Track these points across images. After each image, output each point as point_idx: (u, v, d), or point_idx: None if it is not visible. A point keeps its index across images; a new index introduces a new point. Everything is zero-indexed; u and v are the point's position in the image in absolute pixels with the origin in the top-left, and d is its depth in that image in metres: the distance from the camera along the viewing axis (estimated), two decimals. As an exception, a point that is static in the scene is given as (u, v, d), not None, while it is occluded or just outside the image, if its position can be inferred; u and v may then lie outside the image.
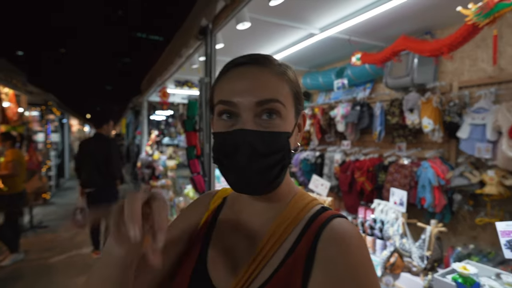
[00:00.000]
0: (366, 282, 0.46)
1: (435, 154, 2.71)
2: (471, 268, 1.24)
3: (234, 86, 0.52)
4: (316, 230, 0.51)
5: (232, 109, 0.51)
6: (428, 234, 1.76)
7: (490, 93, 2.35)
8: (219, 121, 0.53)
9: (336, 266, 0.47)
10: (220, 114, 0.53)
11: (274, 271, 0.50)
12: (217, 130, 0.53)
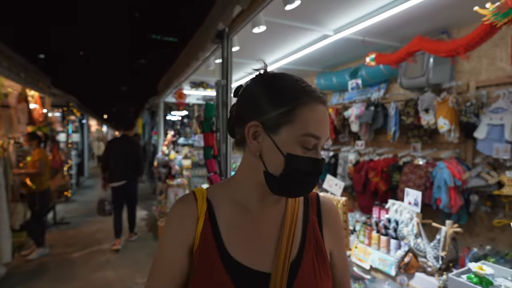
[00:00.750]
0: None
1: (451, 154, 2.68)
2: (487, 269, 1.25)
3: (322, 125, 0.63)
4: (316, 203, 0.75)
5: (315, 142, 0.62)
6: (443, 235, 1.77)
7: (509, 92, 2.32)
8: (299, 147, 0.62)
9: (334, 226, 0.74)
10: (304, 143, 0.62)
11: (303, 235, 0.69)
12: (296, 153, 0.61)
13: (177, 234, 0.66)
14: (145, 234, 4.96)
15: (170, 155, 5.45)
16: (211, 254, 0.63)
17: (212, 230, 0.65)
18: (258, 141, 0.63)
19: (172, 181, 5.01)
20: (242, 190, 0.69)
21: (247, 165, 0.68)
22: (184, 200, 0.69)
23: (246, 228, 0.66)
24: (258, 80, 0.67)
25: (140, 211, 6.37)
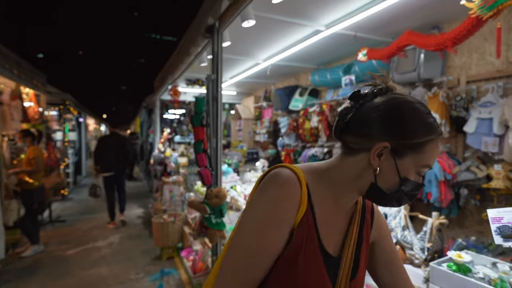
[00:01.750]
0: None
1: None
2: (465, 256, 1.26)
3: (436, 158, 0.71)
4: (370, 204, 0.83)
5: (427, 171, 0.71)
6: (429, 226, 1.78)
7: (498, 86, 2.33)
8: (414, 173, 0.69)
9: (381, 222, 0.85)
10: (420, 172, 0.69)
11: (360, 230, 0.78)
12: (410, 177, 0.68)
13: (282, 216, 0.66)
14: (140, 231, 4.96)
15: (165, 152, 5.45)
16: (313, 244, 0.67)
17: (313, 220, 0.68)
18: (380, 159, 0.67)
19: (167, 178, 5.02)
20: (338, 188, 0.72)
21: (352, 171, 0.71)
22: (291, 178, 0.68)
23: (330, 219, 0.72)
24: (398, 101, 0.69)
25: (137, 209, 6.37)
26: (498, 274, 1.19)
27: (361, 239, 0.77)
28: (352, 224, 0.76)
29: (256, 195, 0.69)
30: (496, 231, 1.04)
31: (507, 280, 1.13)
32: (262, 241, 0.65)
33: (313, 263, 0.66)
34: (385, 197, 0.69)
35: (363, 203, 0.81)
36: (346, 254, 0.72)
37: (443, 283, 1.26)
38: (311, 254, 0.66)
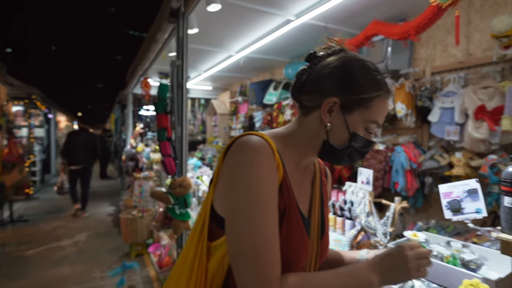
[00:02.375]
0: None
1: (408, 139, 2.74)
2: (420, 235, 1.25)
3: (384, 116, 0.74)
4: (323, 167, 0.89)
5: (375, 128, 0.73)
6: (392, 211, 1.79)
7: (460, 77, 2.39)
8: (363, 129, 0.71)
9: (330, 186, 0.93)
10: (368, 128, 0.71)
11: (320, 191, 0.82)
12: (359, 132, 0.70)
13: (273, 180, 0.64)
14: (109, 229, 4.76)
15: (137, 147, 5.26)
16: (293, 208, 0.68)
17: (289, 182, 0.69)
18: (331, 114, 0.69)
19: (139, 174, 4.84)
20: (299, 151, 0.74)
21: (309, 132, 0.73)
22: (265, 145, 0.65)
23: (298, 183, 0.74)
24: (347, 59, 0.71)
25: (108, 207, 6.13)
26: (451, 251, 1.19)
27: (323, 200, 0.81)
28: (315, 185, 0.80)
29: (232, 167, 0.64)
30: (446, 205, 1.03)
31: (458, 257, 1.13)
32: (269, 213, 0.62)
33: (295, 227, 0.67)
34: (337, 154, 0.72)
35: (319, 165, 0.85)
36: (314, 215, 0.75)
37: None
38: (293, 218, 0.67)
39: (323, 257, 0.78)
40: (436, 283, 1.12)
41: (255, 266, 0.58)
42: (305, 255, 0.70)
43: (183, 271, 0.70)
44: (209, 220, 0.69)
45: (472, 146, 2.19)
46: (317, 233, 0.75)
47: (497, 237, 0.91)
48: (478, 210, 0.95)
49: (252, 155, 0.62)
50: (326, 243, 0.79)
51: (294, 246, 0.66)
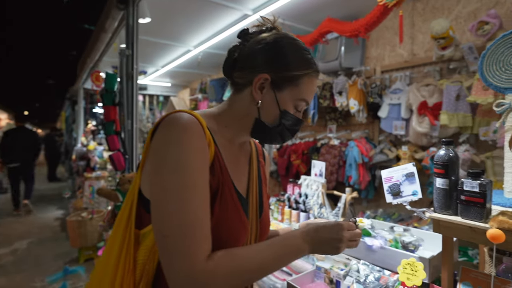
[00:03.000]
0: None
1: (361, 134, 2.86)
2: (366, 221, 1.30)
3: (313, 95, 0.75)
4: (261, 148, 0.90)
5: (304, 106, 0.75)
6: (343, 202, 1.84)
7: (405, 75, 2.55)
8: (292, 107, 0.72)
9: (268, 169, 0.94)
10: (298, 106, 0.73)
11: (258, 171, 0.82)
12: (289, 110, 0.71)
13: (204, 157, 0.62)
14: (56, 234, 4.39)
15: (89, 145, 4.92)
16: (227, 186, 0.66)
17: (223, 162, 0.67)
18: (262, 92, 0.69)
19: (90, 174, 4.53)
20: (232, 129, 0.73)
21: (241, 110, 0.72)
22: (194, 122, 0.62)
23: (233, 162, 0.73)
24: (279, 36, 0.71)
25: (56, 210, 5.65)
26: (393, 235, 1.24)
27: (261, 180, 0.81)
28: (252, 165, 0.80)
29: (160, 145, 0.59)
30: (387, 190, 1.07)
31: (399, 240, 1.18)
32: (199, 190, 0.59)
33: (231, 206, 0.66)
34: (269, 132, 0.72)
35: (255, 146, 0.85)
36: (252, 194, 0.75)
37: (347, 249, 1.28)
38: (228, 197, 0.66)
39: (263, 236, 0.78)
40: (379, 266, 1.16)
41: (182, 245, 0.55)
42: (243, 233, 0.69)
43: (109, 262, 0.65)
44: (136, 205, 0.64)
45: (416, 139, 2.33)
46: (256, 212, 0.75)
47: (429, 216, 0.95)
48: (414, 193, 1.00)
49: (180, 132, 0.59)
50: (265, 222, 0.79)
51: (231, 224, 0.65)
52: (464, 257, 1.72)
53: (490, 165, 1.96)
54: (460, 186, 0.90)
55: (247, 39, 0.73)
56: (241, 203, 0.69)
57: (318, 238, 0.68)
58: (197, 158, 0.60)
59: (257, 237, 0.75)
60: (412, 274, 0.95)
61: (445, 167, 0.93)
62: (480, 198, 0.86)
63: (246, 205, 0.72)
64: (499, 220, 0.81)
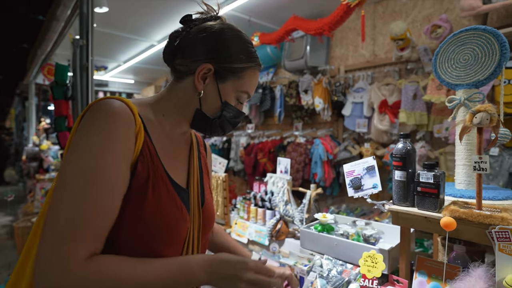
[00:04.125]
0: None
1: (326, 132, 2.92)
2: (329, 216, 1.31)
3: (254, 88, 0.75)
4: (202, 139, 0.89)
5: (246, 99, 0.74)
6: (308, 198, 1.84)
7: (367, 75, 2.64)
8: (234, 99, 0.72)
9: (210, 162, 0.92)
10: (240, 98, 0.73)
11: (199, 163, 0.79)
12: (230, 102, 0.71)
13: (123, 145, 0.57)
14: (3, 242, 4.00)
15: (41, 145, 4.55)
16: (159, 175, 0.63)
17: (155, 150, 0.64)
18: (205, 82, 0.67)
19: (43, 176, 4.18)
20: (170, 118, 0.70)
21: (180, 99, 0.70)
22: (122, 107, 0.59)
23: (170, 152, 0.70)
24: (224, 27, 0.70)
25: (2, 217, 5.17)
26: (355, 229, 1.25)
27: (202, 170, 0.80)
28: (192, 156, 0.78)
29: (80, 130, 0.56)
30: (349, 184, 1.07)
31: (361, 233, 1.20)
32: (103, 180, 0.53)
33: (164, 194, 0.63)
34: (210, 124, 0.71)
35: (196, 137, 0.84)
36: (192, 185, 0.73)
37: (312, 245, 1.28)
38: (161, 185, 0.63)
39: (207, 226, 0.76)
40: (342, 260, 1.16)
41: (57, 241, 0.49)
42: (182, 223, 0.67)
43: (29, 258, 0.60)
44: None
45: (377, 137, 2.42)
46: (198, 202, 0.73)
47: (388, 209, 0.97)
48: (374, 185, 1.01)
49: (102, 117, 0.56)
50: (208, 212, 0.77)
51: (166, 214, 0.63)
52: (420, 248, 1.80)
53: (443, 161, 2.08)
54: (417, 178, 0.92)
55: (190, 26, 0.71)
56: (178, 193, 0.67)
57: (219, 272, 0.62)
58: (116, 145, 0.55)
59: (200, 227, 0.73)
60: (372, 266, 0.96)
61: (403, 160, 0.95)
62: (434, 189, 0.88)
63: (186, 195, 0.70)
64: (451, 209, 0.84)
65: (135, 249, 0.59)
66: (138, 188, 0.59)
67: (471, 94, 0.98)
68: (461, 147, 1.04)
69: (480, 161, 0.79)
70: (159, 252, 0.62)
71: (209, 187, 0.82)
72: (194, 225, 0.71)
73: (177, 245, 0.66)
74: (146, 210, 0.59)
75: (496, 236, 0.75)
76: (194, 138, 0.82)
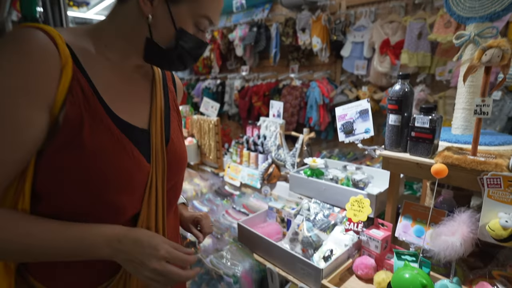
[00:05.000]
0: None
1: (323, 74, 2.79)
2: (319, 161, 1.29)
3: (218, 13, 0.63)
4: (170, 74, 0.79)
5: (207, 26, 0.62)
6: (300, 142, 1.82)
7: (371, 11, 2.41)
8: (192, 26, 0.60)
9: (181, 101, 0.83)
10: (199, 23, 0.60)
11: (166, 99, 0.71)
12: (188, 29, 0.60)
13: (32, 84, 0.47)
14: None
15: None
16: (99, 116, 0.54)
17: (92, 88, 0.54)
18: (152, 3, 0.56)
19: None
20: (115, 49, 0.59)
21: (125, 25, 0.58)
22: (35, 35, 0.48)
23: (120, 87, 0.61)
24: None
25: None
26: (345, 174, 1.24)
27: (169, 108, 0.71)
28: (155, 93, 0.68)
29: None
30: (340, 128, 1.02)
31: (351, 178, 1.19)
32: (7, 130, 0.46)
33: (107, 139, 0.54)
34: (165, 56, 0.61)
35: (162, 72, 0.74)
36: (155, 125, 0.65)
37: (301, 189, 1.28)
38: (102, 130, 0.54)
39: (174, 169, 0.68)
40: (330, 204, 1.17)
41: None
42: (137, 169, 0.59)
43: None
44: None
45: (376, 79, 2.31)
46: (161, 144, 0.65)
47: (379, 154, 0.93)
48: (367, 130, 0.96)
49: (7, 49, 0.47)
50: (175, 152, 0.68)
51: (113, 161, 0.55)
52: (409, 191, 1.84)
53: (442, 105, 2.01)
54: (412, 123, 0.87)
55: None
56: (129, 136, 0.58)
57: (126, 251, 0.54)
58: (16, 84, 0.46)
59: (164, 171, 0.65)
60: (359, 210, 0.96)
61: (399, 103, 0.89)
62: (429, 134, 0.84)
63: (144, 137, 0.62)
64: (444, 155, 0.81)
65: (84, 201, 0.54)
66: (69, 136, 0.50)
67: (483, 29, 0.87)
68: (464, 89, 0.96)
69: (483, 104, 0.73)
70: (115, 202, 0.56)
71: (178, 126, 0.73)
72: (158, 169, 0.63)
73: (136, 194, 0.60)
74: (86, 160, 0.51)
75: (487, 182, 0.73)
76: (158, 72, 0.72)
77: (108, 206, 0.56)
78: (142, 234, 0.56)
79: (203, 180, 2.28)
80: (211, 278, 1.24)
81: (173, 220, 0.75)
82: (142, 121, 0.64)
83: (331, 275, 0.89)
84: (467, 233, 0.75)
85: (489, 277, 0.90)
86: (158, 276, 0.54)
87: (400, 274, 0.75)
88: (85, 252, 0.53)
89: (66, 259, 0.53)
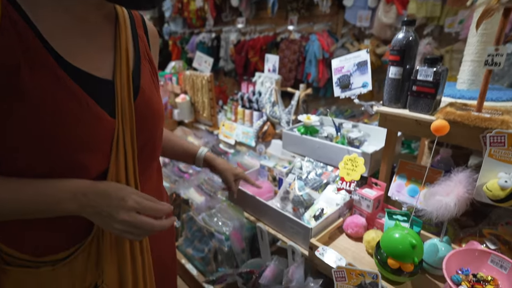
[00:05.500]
0: None
1: (323, 27, 2.60)
2: (314, 118, 1.23)
3: None
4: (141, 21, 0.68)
5: None
6: (296, 99, 1.74)
7: (379, -47, 2.17)
8: None
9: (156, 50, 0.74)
10: None
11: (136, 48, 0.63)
12: None
13: None
14: None
15: None
16: (41, 58, 0.46)
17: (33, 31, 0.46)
18: None
19: None
20: None
21: None
22: None
23: (74, 31, 0.52)
24: None
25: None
26: (341, 132, 1.19)
27: (139, 57, 0.63)
28: (119, 37, 0.60)
29: None
30: (336, 82, 0.94)
31: (346, 136, 1.13)
32: None
33: (54, 89, 0.47)
34: None
35: (130, 15, 0.64)
36: (119, 74, 0.57)
37: (294, 147, 1.24)
38: (47, 77, 0.46)
39: (145, 124, 0.61)
40: (323, 162, 1.13)
41: None
42: (96, 125, 0.52)
43: None
44: None
45: (380, 32, 2.15)
46: (128, 95, 0.57)
47: (377, 110, 0.87)
48: (364, 84, 0.89)
49: None
50: (145, 106, 0.61)
51: (61, 110, 0.48)
52: (407, 150, 1.80)
53: (448, 59, 1.90)
54: (414, 76, 0.79)
55: None
56: (85, 87, 0.51)
57: (93, 205, 0.51)
58: None
59: (133, 125, 0.58)
60: (352, 169, 0.93)
61: (402, 53, 0.80)
62: (432, 88, 0.77)
63: (107, 88, 0.55)
64: (446, 111, 0.74)
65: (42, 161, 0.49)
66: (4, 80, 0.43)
67: (505, -35, 0.75)
68: (474, 39, 0.87)
69: (495, 53, 0.65)
70: (76, 161, 0.51)
71: (151, 76, 0.65)
72: (125, 124, 0.57)
73: (99, 151, 0.54)
74: (32, 110, 0.45)
75: (490, 140, 0.67)
76: (124, 15, 0.63)
77: (68, 165, 0.51)
78: (109, 187, 0.53)
79: (197, 138, 2.24)
80: (203, 235, 1.25)
81: (154, 180, 0.71)
82: (104, 71, 0.56)
83: (320, 234, 0.88)
84: (463, 193, 0.72)
85: (479, 235, 0.89)
86: (130, 227, 0.52)
87: (390, 233, 0.73)
88: (51, 208, 0.50)
89: (34, 216, 0.51)
